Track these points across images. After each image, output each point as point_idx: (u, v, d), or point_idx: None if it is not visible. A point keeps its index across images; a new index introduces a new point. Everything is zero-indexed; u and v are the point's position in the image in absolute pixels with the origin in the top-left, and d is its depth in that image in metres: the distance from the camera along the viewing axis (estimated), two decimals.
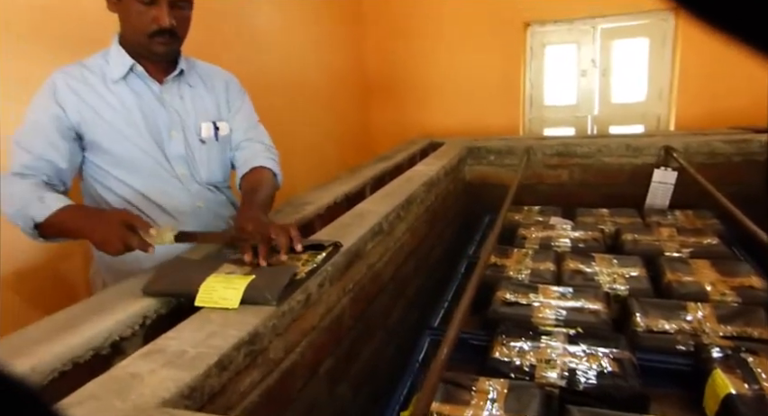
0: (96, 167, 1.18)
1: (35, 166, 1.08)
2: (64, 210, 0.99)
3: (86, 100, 1.14)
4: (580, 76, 3.62)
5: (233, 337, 0.77)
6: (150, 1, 1.07)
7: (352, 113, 3.82)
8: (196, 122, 1.27)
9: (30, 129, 1.11)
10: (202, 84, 1.30)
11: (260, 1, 2.68)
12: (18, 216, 1.00)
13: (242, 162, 1.34)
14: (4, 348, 0.75)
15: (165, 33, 1.11)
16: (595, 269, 1.61)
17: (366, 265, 1.32)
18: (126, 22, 1.13)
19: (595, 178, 2.52)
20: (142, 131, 1.18)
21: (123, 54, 1.16)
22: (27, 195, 1.01)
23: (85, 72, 1.16)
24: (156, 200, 1.22)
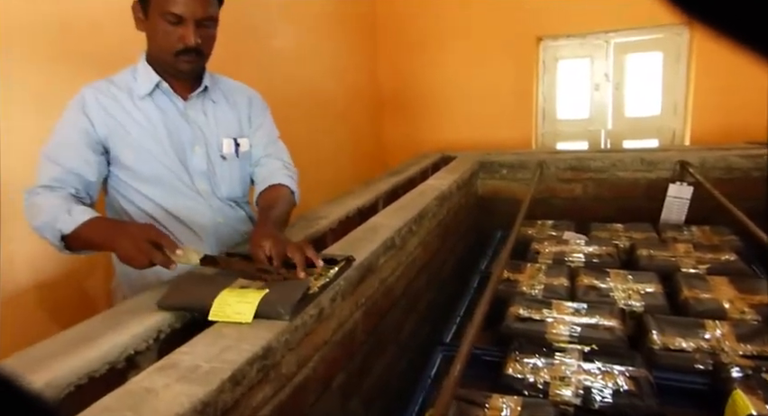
0: (119, 181, 1.20)
1: (64, 179, 1.10)
2: (90, 222, 1.00)
3: (113, 115, 1.16)
4: (594, 90, 3.61)
5: (247, 351, 0.77)
6: (176, 21, 1.10)
7: (365, 126, 3.85)
8: (218, 138, 1.29)
9: (59, 142, 1.13)
10: (225, 100, 1.32)
11: (277, 17, 2.73)
12: (46, 228, 1.02)
13: (260, 179, 1.35)
14: (23, 361, 0.76)
15: (191, 52, 1.14)
16: (609, 285, 1.59)
17: (378, 279, 1.32)
18: (153, 41, 1.16)
19: (609, 193, 2.50)
20: (166, 146, 1.20)
21: (150, 71, 1.19)
22: (55, 208, 1.02)
23: (112, 88, 1.19)
24: (178, 214, 1.24)
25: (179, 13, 1.09)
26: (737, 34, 0.17)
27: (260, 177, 1.36)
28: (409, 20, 3.85)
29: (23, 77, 1.50)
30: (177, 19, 1.09)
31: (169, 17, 1.09)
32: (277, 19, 2.73)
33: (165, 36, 1.12)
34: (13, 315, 1.48)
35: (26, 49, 1.51)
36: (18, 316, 1.50)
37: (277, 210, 1.20)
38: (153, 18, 1.11)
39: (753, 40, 0.17)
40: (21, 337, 1.51)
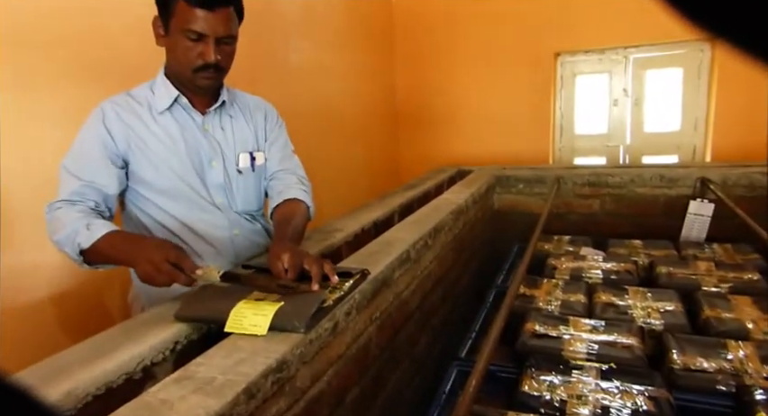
0: (137, 194, 1.22)
1: (84, 192, 1.11)
2: (109, 237, 1.01)
3: (133, 128, 1.18)
4: (612, 105, 3.59)
5: (262, 364, 0.77)
6: (197, 37, 1.11)
7: (381, 141, 3.87)
8: (234, 152, 1.30)
9: (78, 156, 1.15)
10: (242, 114, 1.34)
11: (296, 33, 2.78)
12: (66, 242, 1.02)
13: (275, 193, 1.36)
14: (44, 371, 0.77)
15: (210, 68, 1.15)
16: (628, 302, 1.57)
17: (393, 293, 1.31)
18: (173, 57, 1.17)
19: (627, 209, 2.47)
20: (185, 160, 1.22)
21: (169, 86, 1.21)
22: (75, 222, 1.03)
23: (131, 102, 1.20)
24: (195, 227, 1.25)
25: (201, 30, 1.10)
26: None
27: (274, 191, 1.36)
28: (427, 35, 3.88)
29: (52, 90, 1.55)
30: (198, 36, 1.11)
31: (191, 34, 1.10)
32: (296, 35, 2.77)
33: (185, 52, 1.13)
34: (30, 326, 1.51)
35: (54, 63, 1.56)
36: (36, 327, 1.52)
37: (293, 225, 1.20)
38: (174, 34, 1.12)
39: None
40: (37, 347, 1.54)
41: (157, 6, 1.13)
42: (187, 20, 1.09)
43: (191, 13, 1.08)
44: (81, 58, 1.63)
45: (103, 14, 1.65)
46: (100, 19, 1.65)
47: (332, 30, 3.15)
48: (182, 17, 1.09)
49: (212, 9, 1.09)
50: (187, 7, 1.08)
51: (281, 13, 2.66)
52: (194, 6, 1.08)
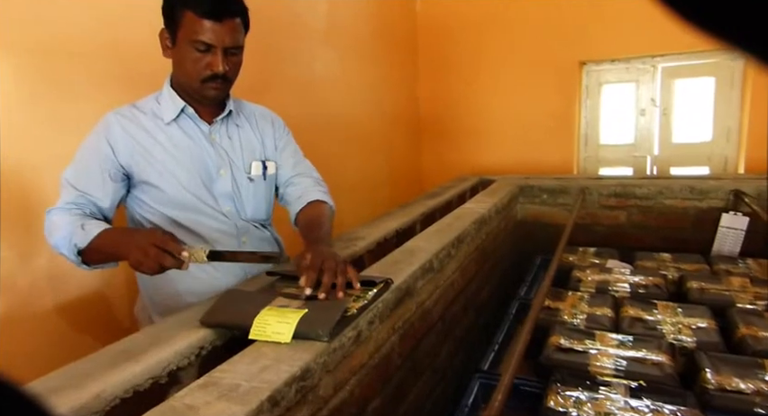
0: (142, 203, 1.22)
1: (80, 202, 1.13)
2: (102, 233, 1.04)
3: (138, 141, 1.18)
4: (639, 115, 3.53)
5: (285, 372, 0.77)
6: (205, 48, 1.11)
7: (403, 150, 3.87)
8: (243, 160, 1.30)
9: (78, 167, 1.16)
10: (248, 124, 1.34)
11: (318, 42, 2.80)
12: (62, 244, 1.05)
13: (295, 197, 1.36)
14: (72, 373, 0.78)
15: (218, 78, 1.15)
16: (657, 317, 1.52)
17: (415, 303, 1.30)
18: (180, 68, 1.16)
19: (656, 221, 2.41)
20: (191, 170, 1.22)
21: (175, 96, 1.21)
22: (70, 225, 1.06)
23: (137, 113, 1.20)
24: (202, 235, 1.24)
25: (209, 41, 1.10)
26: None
27: (293, 196, 1.36)
28: (450, 43, 3.88)
29: (85, 99, 1.59)
30: (206, 47, 1.11)
31: (199, 45, 1.10)
32: (318, 44, 2.80)
33: (193, 63, 1.13)
34: (38, 332, 1.53)
35: (86, 73, 1.60)
36: (42, 333, 1.54)
37: (324, 227, 1.22)
38: (182, 45, 1.11)
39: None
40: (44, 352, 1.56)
41: (164, 18, 1.14)
42: (194, 31, 1.09)
43: (199, 25, 1.08)
44: (112, 68, 1.66)
45: (133, 25, 1.68)
46: (131, 30, 1.69)
47: (356, 39, 3.17)
48: (190, 28, 1.09)
49: (220, 20, 1.09)
50: (194, 18, 1.08)
51: (307, 24, 2.69)
52: (201, 17, 1.08)
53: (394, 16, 3.66)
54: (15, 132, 1.44)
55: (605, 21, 3.33)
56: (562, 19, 3.47)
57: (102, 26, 1.63)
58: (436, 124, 4.04)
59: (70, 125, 1.54)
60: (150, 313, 1.29)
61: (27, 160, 1.47)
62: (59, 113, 1.53)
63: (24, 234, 1.47)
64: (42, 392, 0.73)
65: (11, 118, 1.42)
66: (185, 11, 1.08)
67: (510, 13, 3.62)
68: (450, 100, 3.96)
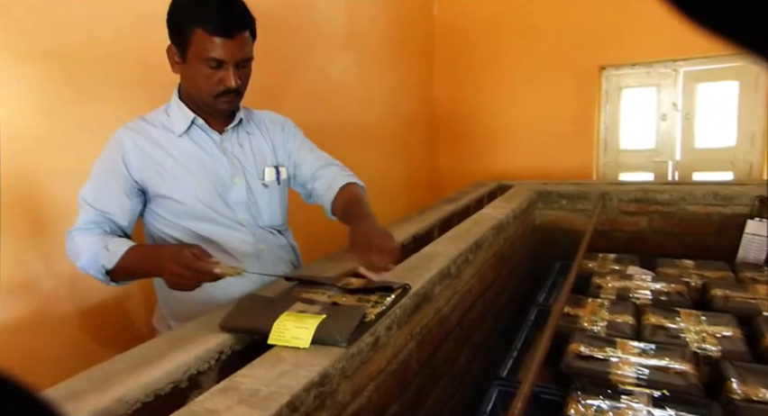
0: (158, 217, 1.22)
1: (99, 221, 1.13)
2: (128, 253, 1.05)
3: (150, 155, 1.18)
4: (660, 119, 3.48)
5: (304, 377, 0.77)
6: (217, 65, 1.11)
7: (420, 155, 3.87)
8: (257, 167, 1.30)
9: (95, 186, 1.16)
10: (258, 130, 1.34)
11: (335, 47, 2.82)
12: (89, 266, 1.06)
13: (325, 188, 1.35)
14: (95, 377, 0.79)
15: (230, 93, 1.15)
16: (680, 326, 1.49)
17: (433, 308, 1.29)
18: (192, 83, 1.16)
19: (677, 227, 2.37)
20: (204, 181, 1.22)
21: (184, 108, 1.21)
22: (94, 246, 1.06)
23: (147, 127, 1.21)
24: (220, 244, 1.25)
25: (220, 57, 1.10)
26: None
27: (323, 188, 1.36)
28: (468, 47, 3.87)
29: (106, 102, 1.62)
30: (217, 63, 1.11)
31: (211, 62, 1.10)
32: (336, 50, 2.82)
33: (206, 80, 1.13)
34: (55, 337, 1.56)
35: (106, 78, 1.63)
36: (60, 338, 1.57)
37: (362, 204, 1.23)
38: (193, 62, 1.11)
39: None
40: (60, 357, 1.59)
41: (171, 36, 1.13)
42: (206, 48, 1.09)
43: (210, 42, 1.08)
44: (131, 73, 1.69)
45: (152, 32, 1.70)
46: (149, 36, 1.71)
47: (373, 44, 3.18)
48: (200, 46, 1.09)
49: (231, 36, 1.09)
50: (205, 36, 1.07)
51: (324, 30, 2.71)
52: (212, 35, 1.07)
53: (411, 21, 3.67)
54: (39, 137, 1.47)
55: (625, 25, 3.29)
56: (582, 24, 3.44)
57: (122, 33, 1.66)
58: (453, 129, 4.03)
59: (92, 130, 1.57)
60: (168, 323, 1.29)
61: (50, 165, 1.50)
62: (82, 117, 1.56)
63: (47, 239, 1.50)
64: (66, 395, 0.74)
65: (35, 123, 1.46)
66: (195, 28, 1.08)
67: (529, 17, 3.60)
68: (467, 105, 3.95)
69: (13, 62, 1.40)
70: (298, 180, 1.41)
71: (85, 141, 1.55)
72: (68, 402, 0.71)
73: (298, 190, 1.44)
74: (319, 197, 1.38)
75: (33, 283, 1.47)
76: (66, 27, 1.51)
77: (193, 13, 1.08)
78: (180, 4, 1.11)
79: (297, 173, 1.40)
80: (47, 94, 1.48)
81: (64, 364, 1.51)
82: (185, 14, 1.09)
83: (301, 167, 1.39)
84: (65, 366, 1.50)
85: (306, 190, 1.41)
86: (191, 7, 1.09)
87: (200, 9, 1.08)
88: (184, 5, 1.10)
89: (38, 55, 1.45)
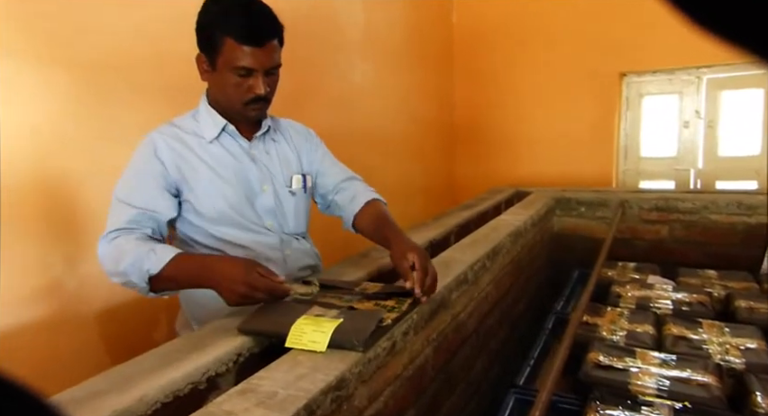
0: (186, 222, 1.22)
1: (139, 219, 1.10)
2: (177, 260, 1.00)
3: (183, 158, 1.19)
4: (683, 127, 3.42)
5: (321, 381, 0.77)
6: (246, 73, 1.12)
7: (437, 160, 3.87)
8: (283, 174, 1.32)
9: (132, 184, 1.15)
10: (284, 139, 1.36)
11: (356, 53, 2.84)
12: (132, 271, 1.00)
13: (347, 201, 1.37)
14: (116, 377, 0.81)
15: (260, 100, 1.17)
16: (703, 337, 1.46)
17: (450, 314, 1.29)
18: (221, 91, 1.17)
19: (700, 236, 2.33)
20: (235, 186, 1.23)
21: (215, 115, 1.22)
22: (138, 249, 1.01)
23: (178, 132, 1.21)
24: (247, 249, 1.25)
25: (250, 66, 1.11)
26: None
27: (345, 200, 1.37)
28: (487, 53, 3.86)
29: (128, 108, 1.65)
30: (246, 71, 1.12)
31: (240, 71, 1.11)
32: (357, 55, 2.84)
33: (235, 88, 1.14)
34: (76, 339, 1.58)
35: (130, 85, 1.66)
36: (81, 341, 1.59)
37: (394, 222, 1.24)
38: (222, 71, 1.12)
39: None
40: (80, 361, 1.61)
41: (200, 44, 1.14)
42: (236, 57, 1.10)
43: (240, 51, 1.09)
44: (155, 80, 1.72)
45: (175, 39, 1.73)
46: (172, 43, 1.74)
47: (392, 50, 3.20)
48: (230, 55, 1.10)
49: (260, 45, 1.10)
50: (235, 45, 1.09)
51: (345, 36, 2.73)
52: (242, 44, 1.08)
53: (430, 28, 3.68)
54: (64, 142, 1.50)
55: (647, 31, 3.26)
56: (603, 30, 3.41)
57: (145, 40, 1.69)
58: (471, 135, 4.02)
59: (116, 135, 1.60)
60: (191, 327, 1.29)
61: (74, 169, 1.53)
62: (104, 122, 1.59)
63: (72, 241, 1.53)
64: (88, 394, 0.76)
65: (60, 128, 1.49)
66: (225, 38, 1.09)
67: (549, 23, 3.59)
68: (486, 111, 3.94)
69: (41, 68, 1.43)
70: (319, 190, 1.43)
71: (107, 146, 1.58)
72: (91, 401, 0.73)
73: (317, 200, 1.46)
74: (340, 209, 1.39)
75: (57, 284, 1.50)
76: (91, 35, 1.55)
77: (222, 22, 1.09)
78: (210, 13, 1.12)
79: (318, 183, 1.42)
80: (72, 100, 1.51)
81: (84, 364, 1.54)
82: (214, 24, 1.10)
83: (323, 177, 1.41)
84: (85, 366, 1.53)
85: (326, 201, 1.43)
86: (221, 17, 1.10)
87: (229, 19, 1.09)
88: (213, 15, 1.11)
89: (64, 62, 1.48)
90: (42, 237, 1.47)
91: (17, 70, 1.39)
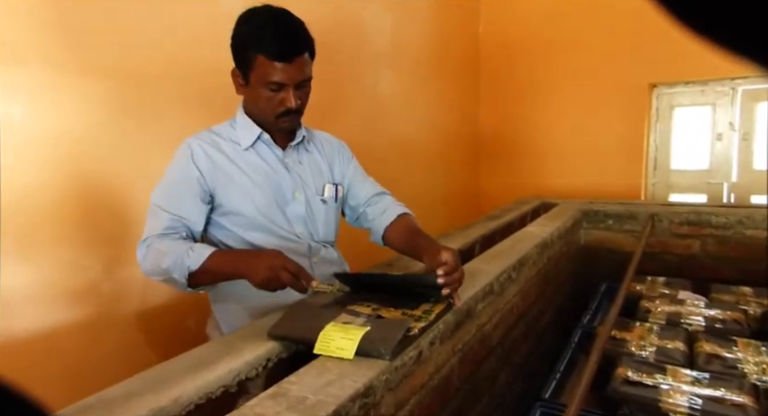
0: (218, 226, 1.26)
1: (174, 225, 1.16)
2: (214, 255, 1.07)
3: (219, 165, 1.23)
4: (716, 139, 3.35)
5: (350, 387, 0.78)
6: (278, 87, 1.16)
7: (462, 172, 3.86)
8: (315, 183, 1.35)
9: (169, 191, 1.20)
10: (316, 149, 1.39)
11: (383, 64, 2.87)
12: (174, 268, 1.06)
13: (378, 213, 1.40)
14: (152, 377, 0.83)
15: (291, 113, 1.20)
16: (737, 355, 1.42)
17: (476, 325, 1.29)
18: (254, 105, 1.22)
19: (734, 252, 2.26)
20: (268, 194, 1.26)
21: (251, 124, 1.26)
22: (178, 249, 1.08)
23: (215, 138, 1.26)
24: None
25: (281, 81, 1.15)
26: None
27: (376, 213, 1.41)
28: (513, 64, 3.86)
29: (167, 117, 1.71)
30: (278, 86, 1.16)
31: (272, 86, 1.16)
32: (383, 66, 2.87)
33: (267, 101, 1.18)
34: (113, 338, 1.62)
35: (167, 94, 1.72)
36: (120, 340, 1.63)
37: (429, 236, 1.27)
38: (255, 86, 1.17)
39: None
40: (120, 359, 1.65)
41: (235, 59, 1.19)
42: (267, 73, 1.14)
43: (271, 67, 1.13)
44: (191, 89, 1.78)
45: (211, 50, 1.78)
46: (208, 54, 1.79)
47: (419, 61, 3.22)
48: (262, 71, 1.14)
49: (290, 61, 1.13)
50: (266, 61, 1.13)
51: (373, 47, 2.77)
52: (273, 60, 1.12)
53: (457, 39, 3.70)
54: (104, 150, 1.56)
55: (678, 41, 3.19)
56: (632, 40, 3.37)
57: (182, 51, 1.75)
58: (497, 145, 4.01)
59: (154, 143, 1.65)
60: (222, 332, 1.32)
61: (114, 177, 1.59)
62: (141, 131, 1.65)
63: (112, 246, 1.58)
64: (125, 394, 0.78)
65: (101, 136, 1.55)
66: (256, 55, 1.13)
67: (576, 34, 3.56)
68: (512, 121, 3.92)
69: (82, 78, 1.49)
70: (350, 202, 1.45)
71: (145, 154, 1.64)
72: (129, 401, 0.75)
73: (346, 212, 1.48)
74: (369, 221, 1.42)
75: (92, 287, 1.55)
76: (132, 47, 1.61)
77: (254, 40, 1.13)
78: (242, 31, 1.16)
79: (349, 195, 1.45)
80: (113, 109, 1.57)
81: (117, 366, 1.58)
82: (247, 41, 1.15)
83: (355, 189, 1.44)
84: (118, 368, 1.57)
85: (356, 213, 1.45)
86: (253, 34, 1.14)
87: (261, 36, 1.13)
88: (245, 33, 1.15)
89: (106, 73, 1.54)
90: (79, 241, 1.52)
91: (61, 81, 1.45)
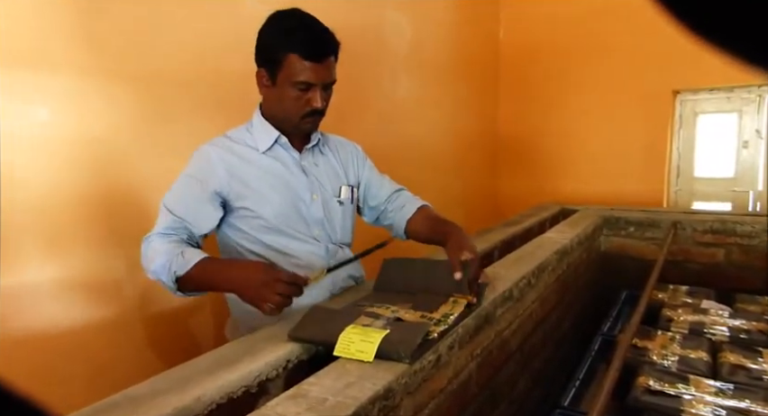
0: (237, 230, 1.26)
1: (176, 227, 1.17)
2: (202, 264, 1.06)
3: (235, 170, 1.24)
4: (741, 147, 3.29)
5: (369, 390, 0.78)
6: (306, 87, 1.18)
7: (480, 177, 3.85)
8: (332, 185, 1.36)
9: (178, 195, 1.21)
10: (331, 152, 1.41)
11: (402, 68, 2.88)
12: (162, 271, 1.07)
13: (399, 208, 1.43)
14: (176, 377, 0.84)
15: (316, 114, 1.22)
16: (763, 366, 1.39)
17: (494, 331, 1.28)
18: (280, 105, 1.22)
19: (760, 262, 2.22)
20: (285, 196, 1.27)
21: (268, 127, 1.27)
22: (169, 252, 1.09)
23: (230, 143, 1.27)
24: (295, 257, 1.28)
25: (310, 80, 1.17)
26: None
27: (397, 208, 1.44)
28: (533, 69, 3.84)
29: (184, 123, 1.74)
30: (306, 86, 1.17)
31: (301, 85, 1.17)
32: (401, 70, 2.87)
33: (294, 101, 1.19)
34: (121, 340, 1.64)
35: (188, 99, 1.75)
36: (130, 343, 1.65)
37: (451, 222, 1.32)
38: (283, 85, 1.18)
39: None
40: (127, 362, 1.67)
41: (261, 61, 1.20)
42: (297, 72, 1.15)
43: (302, 66, 1.15)
44: (210, 94, 1.80)
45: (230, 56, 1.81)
46: (227, 60, 1.82)
47: (438, 65, 3.22)
48: (292, 70, 1.16)
49: (320, 61, 1.16)
50: (298, 60, 1.14)
51: (392, 50, 2.78)
52: (305, 59, 1.14)
53: (477, 43, 3.69)
54: (129, 152, 1.59)
55: (702, 48, 3.15)
56: (655, 45, 3.32)
57: (202, 57, 1.78)
58: (516, 151, 3.98)
59: (174, 147, 1.68)
60: (242, 334, 1.33)
61: (140, 178, 1.62)
62: (163, 135, 1.67)
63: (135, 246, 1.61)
64: (149, 392, 0.79)
65: (126, 138, 1.58)
66: (288, 54, 1.15)
67: (598, 39, 3.53)
68: (531, 127, 3.90)
69: (108, 82, 1.53)
70: (369, 202, 1.47)
71: (167, 157, 1.66)
72: (154, 399, 0.76)
73: (366, 212, 1.49)
74: (390, 218, 1.44)
75: (117, 287, 1.58)
76: (155, 53, 1.64)
77: (286, 39, 1.15)
78: (273, 30, 1.19)
79: (368, 195, 1.46)
80: (137, 114, 1.60)
81: (139, 365, 1.61)
82: (278, 41, 1.17)
83: (373, 189, 1.46)
84: (139, 366, 1.60)
85: (377, 211, 1.47)
86: (284, 34, 1.16)
87: (293, 36, 1.15)
88: (277, 32, 1.18)
89: (129, 76, 1.58)
90: (105, 242, 1.55)
91: (87, 85, 1.48)
